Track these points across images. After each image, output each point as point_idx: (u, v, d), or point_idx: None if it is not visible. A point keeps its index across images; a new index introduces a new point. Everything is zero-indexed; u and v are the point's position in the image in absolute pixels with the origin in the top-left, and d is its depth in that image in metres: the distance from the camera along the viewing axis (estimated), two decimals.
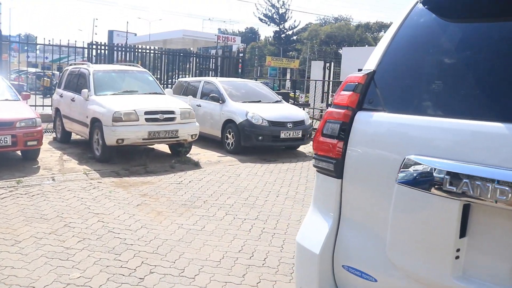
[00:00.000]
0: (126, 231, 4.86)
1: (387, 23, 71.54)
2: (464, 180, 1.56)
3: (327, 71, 22.21)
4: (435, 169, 1.66)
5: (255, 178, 7.77)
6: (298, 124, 10.32)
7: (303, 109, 12.88)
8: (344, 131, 2.04)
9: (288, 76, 47.19)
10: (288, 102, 14.15)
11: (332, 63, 23.32)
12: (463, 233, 1.62)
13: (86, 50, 15.49)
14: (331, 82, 22.19)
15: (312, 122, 11.90)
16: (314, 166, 2.21)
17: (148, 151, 9.87)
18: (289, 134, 10.09)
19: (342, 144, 2.04)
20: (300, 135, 10.28)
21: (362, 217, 2.02)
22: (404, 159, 1.76)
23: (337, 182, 2.08)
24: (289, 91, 23.52)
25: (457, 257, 1.64)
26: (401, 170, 1.76)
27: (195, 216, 5.50)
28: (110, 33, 43.57)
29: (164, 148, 9.96)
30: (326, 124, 2.14)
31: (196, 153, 9.72)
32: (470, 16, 1.89)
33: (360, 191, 2.02)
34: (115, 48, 16.28)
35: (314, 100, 17.01)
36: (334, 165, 2.07)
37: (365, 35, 70.93)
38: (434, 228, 1.68)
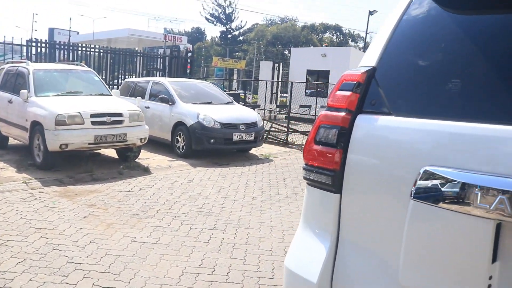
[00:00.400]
0: (73, 248, 4.41)
1: (332, 24, 72.88)
2: (500, 196, 1.33)
3: (276, 72, 22.13)
4: (461, 183, 1.41)
5: (208, 184, 7.45)
6: (251, 126, 10.11)
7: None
8: (343, 138, 1.79)
9: (235, 77, 46.95)
10: (239, 103, 13.92)
11: (281, 64, 23.28)
12: (494, 257, 1.39)
13: (24, 48, 14.59)
14: (279, 83, 22.17)
15: (264, 123, 11.71)
16: (305, 178, 1.95)
17: (94, 156, 9.31)
18: (242, 137, 9.85)
19: (341, 153, 1.79)
20: (252, 138, 10.07)
21: (367, 239, 1.75)
22: (421, 171, 1.51)
23: (335, 197, 1.82)
24: (238, 91, 23.29)
25: (489, 286, 1.40)
26: (417, 184, 1.51)
27: (148, 227, 5.12)
28: (51, 31, 41.66)
29: (111, 152, 9.43)
30: (320, 130, 1.88)
31: (145, 157, 9.27)
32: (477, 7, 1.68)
33: (364, 208, 1.76)
34: (57, 46, 15.42)
35: (265, 101, 16.83)
36: (332, 178, 1.80)
37: (310, 36, 71.77)
38: (460, 252, 1.44)
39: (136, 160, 8.71)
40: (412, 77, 1.74)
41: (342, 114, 1.81)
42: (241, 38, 69.71)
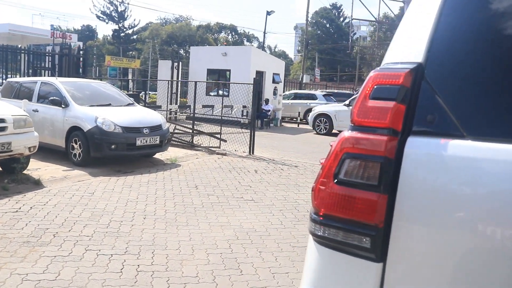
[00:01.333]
0: None
1: (227, 24, 73.04)
2: None
3: (175, 71, 21.23)
4: None
5: (113, 196, 6.57)
6: (155, 129, 9.35)
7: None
8: (388, 176, 1.18)
9: (130, 77, 45.12)
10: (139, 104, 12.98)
11: (181, 63, 22.42)
12: None
13: None
14: (179, 83, 21.33)
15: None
16: (314, 234, 1.32)
17: None
18: (146, 141, 9.04)
19: (386, 200, 1.18)
20: (157, 142, 9.31)
21: None
22: None
23: (375, 268, 1.21)
24: (137, 91, 22.07)
25: None
26: None
27: (44, 258, 4.19)
28: None
29: None
30: (344, 162, 1.25)
31: (36, 167, 8.09)
32: None
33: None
34: None
35: (168, 102, 15.96)
36: (371, 239, 1.19)
37: (206, 35, 71.32)
38: None
39: (25, 172, 7.54)
40: (496, 77, 1.16)
41: (384, 137, 1.21)
42: (134, 37, 67.31)
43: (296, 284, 3.99)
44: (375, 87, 1.27)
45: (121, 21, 64.46)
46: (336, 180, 1.27)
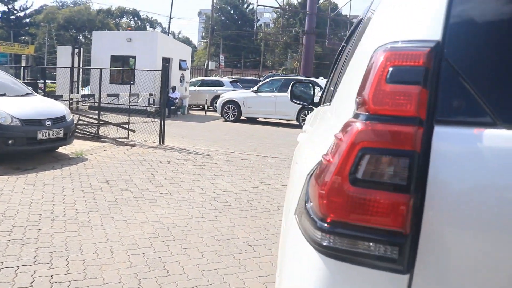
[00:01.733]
0: None
1: (130, 9, 70.66)
2: None
3: (76, 58, 19.98)
4: None
5: (13, 198, 5.94)
6: (59, 121, 8.68)
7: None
8: (415, 175, 1.00)
9: (23, 64, 42.10)
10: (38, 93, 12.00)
11: (82, 49, 21.14)
12: None
13: None
14: (81, 70, 20.15)
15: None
16: (321, 246, 1.09)
17: None
18: (48, 134, 8.36)
19: (412, 201, 1.00)
20: (61, 134, 8.68)
21: None
22: None
23: (400, 281, 1.02)
24: (34, 80, 20.52)
25: None
26: None
27: None
28: None
29: None
30: (363, 159, 1.05)
31: None
32: None
33: None
34: None
35: (72, 90, 14.96)
36: (399, 248, 1.01)
37: (107, 20, 68.38)
38: None
39: None
40: None
41: (411, 128, 1.02)
42: (27, 20, 62.64)
43: (227, 280, 3.80)
44: (392, 68, 1.08)
45: (11, 2, 59.62)
46: (351, 180, 1.07)
